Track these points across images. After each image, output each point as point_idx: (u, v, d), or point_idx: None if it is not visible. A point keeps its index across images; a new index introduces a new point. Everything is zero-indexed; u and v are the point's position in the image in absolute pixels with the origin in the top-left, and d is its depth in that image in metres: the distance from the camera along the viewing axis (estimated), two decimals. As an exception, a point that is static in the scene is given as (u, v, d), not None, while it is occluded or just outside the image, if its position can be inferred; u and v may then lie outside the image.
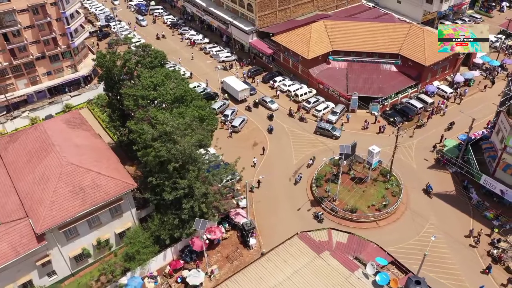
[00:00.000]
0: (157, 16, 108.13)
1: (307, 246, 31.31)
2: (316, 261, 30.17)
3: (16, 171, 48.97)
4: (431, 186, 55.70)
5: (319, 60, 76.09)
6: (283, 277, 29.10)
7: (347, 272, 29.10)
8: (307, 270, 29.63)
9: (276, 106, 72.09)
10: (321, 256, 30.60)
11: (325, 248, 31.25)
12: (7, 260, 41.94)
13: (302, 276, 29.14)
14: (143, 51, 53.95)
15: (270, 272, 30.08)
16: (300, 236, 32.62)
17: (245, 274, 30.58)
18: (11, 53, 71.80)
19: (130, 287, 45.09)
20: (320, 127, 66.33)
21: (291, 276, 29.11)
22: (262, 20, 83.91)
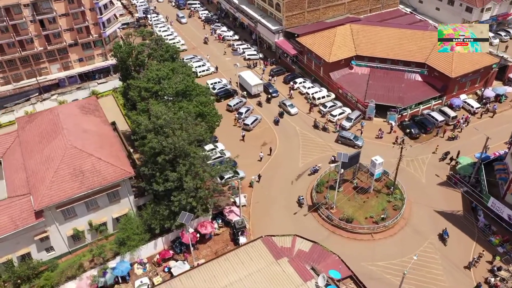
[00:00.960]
0: (193, 10, 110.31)
1: (268, 250, 31.15)
2: (272, 266, 29.98)
3: (28, 149, 52.12)
4: (447, 232, 49.96)
5: (341, 64, 74.68)
6: (235, 278, 29.21)
7: (299, 281, 28.71)
8: (261, 274, 29.54)
9: (296, 110, 71.11)
10: (278, 262, 30.38)
11: (285, 255, 30.95)
12: (6, 232, 44.84)
13: (255, 280, 29.11)
14: (156, 44, 55.43)
15: (225, 272, 30.26)
16: (263, 240, 32.52)
17: (200, 271, 30.92)
18: (46, 38, 76.15)
19: (117, 270, 46.82)
20: (342, 136, 64.55)
21: (243, 278, 29.14)
22: (289, 20, 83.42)
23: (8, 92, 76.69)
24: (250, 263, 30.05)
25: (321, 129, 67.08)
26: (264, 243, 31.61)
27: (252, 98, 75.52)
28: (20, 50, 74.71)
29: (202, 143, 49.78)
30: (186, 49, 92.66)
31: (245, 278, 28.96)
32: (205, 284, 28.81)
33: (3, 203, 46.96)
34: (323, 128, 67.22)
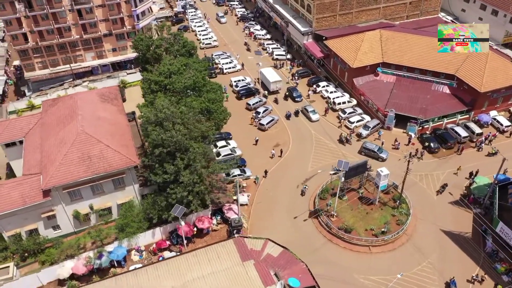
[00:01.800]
0: (230, 8, 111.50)
1: (237, 251, 31.23)
2: (237, 267, 30.07)
3: (46, 131, 55.17)
4: (455, 282, 45.38)
5: (367, 70, 72.84)
6: (198, 275, 29.59)
7: (260, 285, 28.63)
8: (224, 274, 29.71)
9: (317, 117, 69.64)
10: (244, 264, 30.40)
11: (253, 257, 30.90)
12: (15, 207, 47.82)
13: (216, 279, 29.34)
14: (173, 39, 56.74)
15: (190, 267, 30.67)
16: (235, 240, 32.63)
17: (167, 264, 31.53)
18: (83, 27, 79.98)
19: (113, 254, 48.59)
20: (365, 147, 62.23)
21: (206, 276, 29.46)
22: (320, 22, 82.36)
23: (45, 76, 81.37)
24: (216, 261, 30.34)
25: (345, 142, 64.59)
26: (235, 243, 31.77)
27: (271, 95, 76.09)
28: (58, 37, 78.95)
29: (206, 139, 50.32)
30: (217, 45, 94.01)
31: (207, 276, 29.30)
32: (169, 276, 29.36)
33: (16, 180, 50.24)
34: (346, 140, 64.74)
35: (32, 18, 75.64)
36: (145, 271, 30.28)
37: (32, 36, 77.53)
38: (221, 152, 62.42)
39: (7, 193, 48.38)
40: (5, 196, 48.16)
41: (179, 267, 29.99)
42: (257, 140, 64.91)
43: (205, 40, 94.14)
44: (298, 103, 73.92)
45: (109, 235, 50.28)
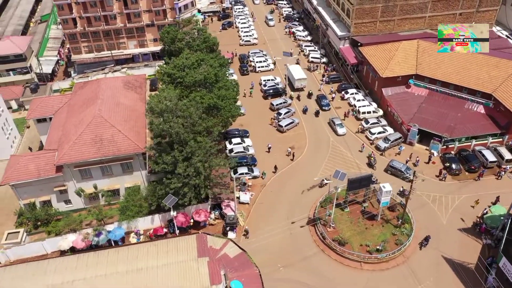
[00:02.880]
0: (277, 7, 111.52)
1: (196, 246, 31.74)
2: (191, 262, 30.60)
3: (71, 111, 59.02)
4: None
5: (398, 81, 69.91)
6: (152, 264, 30.50)
7: (206, 283, 28.94)
8: (176, 267, 30.36)
9: (344, 131, 66.71)
10: (199, 259, 30.84)
11: (209, 255, 31.28)
12: (30, 178, 51.83)
13: (167, 270, 30.06)
14: (196, 34, 58.13)
15: (147, 255, 31.65)
16: (198, 236, 33.12)
17: (127, 250, 32.72)
18: (127, 17, 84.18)
19: (111, 234, 51.03)
20: (392, 166, 58.98)
21: (159, 266, 30.30)
22: (358, 28, 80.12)
23: (89, 60, 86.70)
24: (174, 253, 31.12)
25: (371, 160, 60.76)
26: (197, 239, 32.35)
27: (294, 91, 76.65)
28: (104, 24, 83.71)
29: (210, 135, 51.05)
30: (256, 43, 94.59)
31: (160, 266, 30.17)
32: (126, 262, 30.56)
33: (34, 154, 54.49)
34: (372, 160, 60.73)
35: (81, 4, 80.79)
36: (106, 253, 31.72)
37: (81, 22, 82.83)
38: (234, 149, 63.18)
39: (24, 164, 52.54)
40: (23, 167, 52.35)
41: (138, 254, 31.15)
42: (269, 147, 63.92)
43: (245, 37, 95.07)
44: (326, 112, 72.13)
45: (111, 216, 52.89)
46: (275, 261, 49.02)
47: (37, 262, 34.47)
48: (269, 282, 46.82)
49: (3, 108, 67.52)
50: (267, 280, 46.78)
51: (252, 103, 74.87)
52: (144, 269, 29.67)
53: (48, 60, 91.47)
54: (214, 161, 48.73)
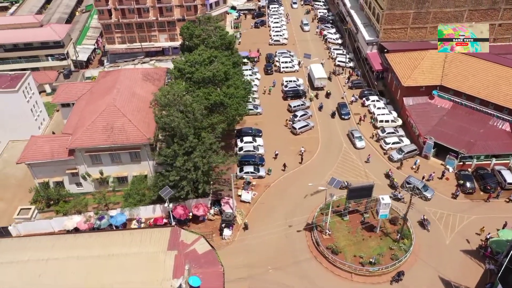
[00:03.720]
0: (313, 8, 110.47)
1: (168, 239, 32.35)
2: (159, 254, 31.27)
3: (90, 98, 61.64)
4: None
5: (422, 91, 67.34)
6: (123, 252, 31.48)
7: (169, 275, 29.52)
8: (145, 257, 31.12)
9: (362, 144, 63.98)
10: (168, 252, 31.46)
11: (178, 249, 31.84)
12: (44, 158, 54.75)
13: (135, 259, 30.92)
14: (213, 31, 58.92)
15: (120, 242, 32.65)
16: (172, 229, 33.75)
17: (105, 236, 33.91)
18: (160, 10, 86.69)
19: (113, 219, 53.05)
20: (409, 182, 55.67)
21: (129, 254, 31.25)
22: (388, 33, 77.89)
23: (121, 50, 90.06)
24: (146, 244, 31.99)
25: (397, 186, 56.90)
26: (171, 232, 33.03)
27: (313, 90, 77.12)
28: (137, 16, 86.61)
29: (214, 132, 51.61)
30: (285, 44, 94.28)
31: (130, 254, 31.13)
32: (97, 247, 31.78)
33: (51, 136, 57.50)
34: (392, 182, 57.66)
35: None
36: (86, 236, 33.15)
37: (116, 13, 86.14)
38: (244, 147, 63.59)
39: (40, 146, 55.62)
40: (39, 148, 55.44)
41: (111, 240, 32.31)
42: (276, 154, 62.96)
43: (275, 36, 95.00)
44: (345, 121, 70.19)
45: (116, 202, 54.93)
46: (266, 262, 49.09)
47: (18, 238, 36.51)
48: (256, 283, 47.14)
49: (34, 91, 71.70)
50: (255, 281, 47.17)
51: (271, 103, 74.86)
52: (115, 255, 30.79)
53: (85, 48, 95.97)
54: (213, 157, 49.31)
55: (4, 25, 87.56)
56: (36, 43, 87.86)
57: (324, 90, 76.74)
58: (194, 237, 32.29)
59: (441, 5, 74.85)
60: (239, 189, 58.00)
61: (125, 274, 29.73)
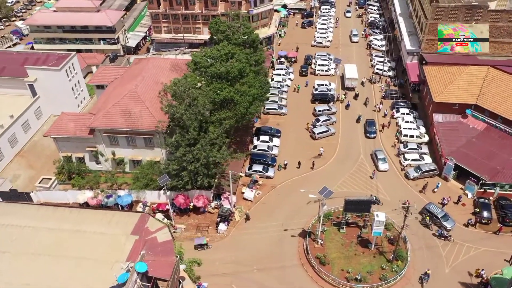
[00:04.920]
0: (366, 12, 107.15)
1: (135, 224, 33.41)
2: (121, 237, 32.31)
3: (120, 83, 65.05)
4: None
5: (455, 108, 63.19)
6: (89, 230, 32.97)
7: (123, 258, 30.53)
8: (107, 237, 32.37)
9: (386, 167, 60.17)
10: (129, 236, 32.45)
11: (140, 234, 32.88)
12: (68, 134, 58.86)
13: (98, 238, 32.16)
14: (238, 28, 59.53)
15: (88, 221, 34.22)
16: (141, 215, 34.66)
17: (79, 212, 35.73)
18: (205, 4, 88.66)
19: (119, 199, 55.95)
20: (428, 209, 52.43)
21: (94, 233, 32.59)
22: (430, 44, 73.48)
23: (166, 40, 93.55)
24: (113, 225, 33.28)
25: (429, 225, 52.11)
26: (139, 217, 34.08)
27: (344, 89, 77.07)
28: (184, 8, 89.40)
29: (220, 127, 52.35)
30: (328, 46, 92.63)
31: (96, 233, 32.59)
32: (57, 220, 33.68)
33: (76, 114, 61.55)
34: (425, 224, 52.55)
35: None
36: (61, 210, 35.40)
37: (164, 3, 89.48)
38: (258, 145, 63.84)
39: (66, 122, 59.86)
40: (64, 124, 59.71)
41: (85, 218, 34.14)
42: (286, 164, 61.53)
43: (318, 38, 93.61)
44: (370, 139, 66.02)
45: (127, 183, 57.85)
46: (253, 261, 49.31)
47: (5, 203, 39.85)
48: (239, 281, 47.59)
49: (77, 71, 76.77)
50: (238, 278, 47.65)
51: (298, 105, 74.18)
52: (81, 232, 32.58)
53: (135, 35, 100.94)
54: (213, 152, 50.09)
55: (65, 8, 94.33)
56: (91, 26, 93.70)
57: (354, 91, 75.64)
58: (159, 226, 33.18)
59: (492, 19, 69.24)
60: (244, 186, 58.51)
61: (84, 250, 31.40)
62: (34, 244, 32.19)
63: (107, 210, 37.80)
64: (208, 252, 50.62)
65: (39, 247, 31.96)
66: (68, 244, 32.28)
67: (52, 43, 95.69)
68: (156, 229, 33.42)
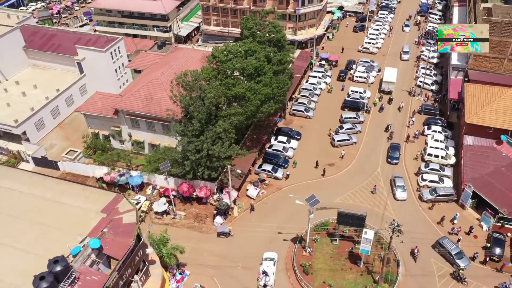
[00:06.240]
0: (426, 20, 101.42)
1: (107, 202, 35.03)
2: (91, 213, 33.90)
3: (152, 69, 67.95)
4: None
5: (489, 132, 58.26)
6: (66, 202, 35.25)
7: (85, 232, 32.17)
8: (79, 211, 34.26)
9: (403, 196, 55.32)
10: (98, 213, 34.17)
11: (109, 213, 34.40)
12: (95, 112, 62.95)
13: (71, 211, 34.27)
14: (266, 26, 59.52)
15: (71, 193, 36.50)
16: (116, 196, 36.14)
17: (63, 184, 38.16)
18: (253, 0, 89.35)
19: (130, 179, 58.85)
20: (441, 244, 48.44)
21: (70, 205, 34.76)
22: (478, 61, 68.04)
23: (213, 32, 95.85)
24: (89, 201, 35.06)
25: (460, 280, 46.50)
26: (114, 198, 35.74)
27: (379, 93, 75.56)
28: (233, 2, 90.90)
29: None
30: (375, 53, 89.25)
31: (71, 206, 34.67)
32: (40, 189, 36.18)
33: (105, 94, 65.21)
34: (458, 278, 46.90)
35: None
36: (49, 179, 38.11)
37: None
38: (274, 145, 63.66)
39: (95, 101, 64.04)
40: (93, 102, 63.95)
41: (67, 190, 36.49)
42: (288, 175, 59.74)
43: (366, 43, 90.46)
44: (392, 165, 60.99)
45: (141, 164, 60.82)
46: (239, 258, 49.59)
47: (5, 167, 43.60)
48: (221, 275, 48.20)
49: (122, 54, 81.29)
50: (221, 272, 48.27)
51: (327, 110, 72.55)
52: (59, 202, 35.03)
53: (188, 25, 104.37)
54: (216, 145, 50.86)
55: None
56: (147, 13, 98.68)
57: (390, 95, 73.93)
58: (129, 207, 34.65)
59: (551, 38, 62.67)
60: (250, 183, 58.76)
61: (55, 219, 33.78)
62: (15, 207, 35.22)
63: (85, 186, 39.89)
64: (199, 241, 51.77)
65: (18, 211, 34.94)
66: (43, 212, 34.95)
67: (112, 27, 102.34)
68: (125, 210, 35.00)
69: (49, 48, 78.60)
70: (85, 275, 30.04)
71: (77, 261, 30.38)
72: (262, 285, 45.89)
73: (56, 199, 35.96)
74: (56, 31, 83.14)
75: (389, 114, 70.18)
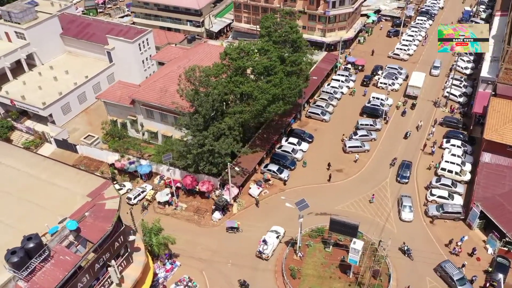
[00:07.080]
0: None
1: (95, 187, 36.26)
2: (78, 196, 34.92)
3: (172, 62, 69.56)
4: None
5: (509, 151, 54.98)
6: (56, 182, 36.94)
7: (67, 214, 33.64)
8: (67, 192, 35.58)
9: (410, 217, 52.57)
10: (84, 197, 35.32)
11: (94, 198, 35.58)
12: (113, 100, 65.26)
13: (59, 192, 35.84)
14: (283, 25, 59.25)
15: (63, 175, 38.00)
16: (105, 181, 37.28)
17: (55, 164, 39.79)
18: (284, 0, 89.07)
19: (139, 167, 60.63)
20: (443, 268, 46.09)
21: (58, 186, 36.41)
22: (510, 74, 64.26)
23: (243, 29, 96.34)
24: (79, 184, 36.45)
25: None
26: (102, 184, 36.90)
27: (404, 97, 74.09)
28: (264, 0, 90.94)
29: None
30: (405, 60, 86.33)
31: (59, 187, 36.33)
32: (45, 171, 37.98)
33: (125, 84, 67.32)
34: None
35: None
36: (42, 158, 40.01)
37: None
38: (283, 146, 63.36)
39: (115, 89, 66.43)
40: (113, 91, 66.38)
41: (60, 172, 38.25)
42: (286, 179, 59.09)
43: (397, 49, 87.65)
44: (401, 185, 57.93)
45: (148, 154, 62.55)
46: (231, 256, 49.89)
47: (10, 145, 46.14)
48: (210, 270, 48.78)
49: (151, 46, 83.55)
50: (210, 266, 48.82)
51: (345, 115, 71.16)
52: (51, 183, 36.79)
53: (221, 21, 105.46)
54: (219, 141, 51.34)
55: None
56: (182, 8, 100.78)
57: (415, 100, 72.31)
58: (113, 194, 35.77)
59: None
60: (254, 182, 58.85)
61: (43, 199, 35.54)
62: (10, 184, 37.39)
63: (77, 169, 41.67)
64: (195, 234, 52.61)
65: (12, 187, 37.07)
66: (34, 191, 36.84)
67: (148, 19, 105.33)
68: (109, 197, 36.15)
69: (83, 36, 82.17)
70: (59, 254, 31.50)
71: (53, 240, 31.89)
72: (258, 252, 46.34)
73: (50, 180, 37.78)
74: (92, 20, 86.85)
75: (411, 119, 67.92)
